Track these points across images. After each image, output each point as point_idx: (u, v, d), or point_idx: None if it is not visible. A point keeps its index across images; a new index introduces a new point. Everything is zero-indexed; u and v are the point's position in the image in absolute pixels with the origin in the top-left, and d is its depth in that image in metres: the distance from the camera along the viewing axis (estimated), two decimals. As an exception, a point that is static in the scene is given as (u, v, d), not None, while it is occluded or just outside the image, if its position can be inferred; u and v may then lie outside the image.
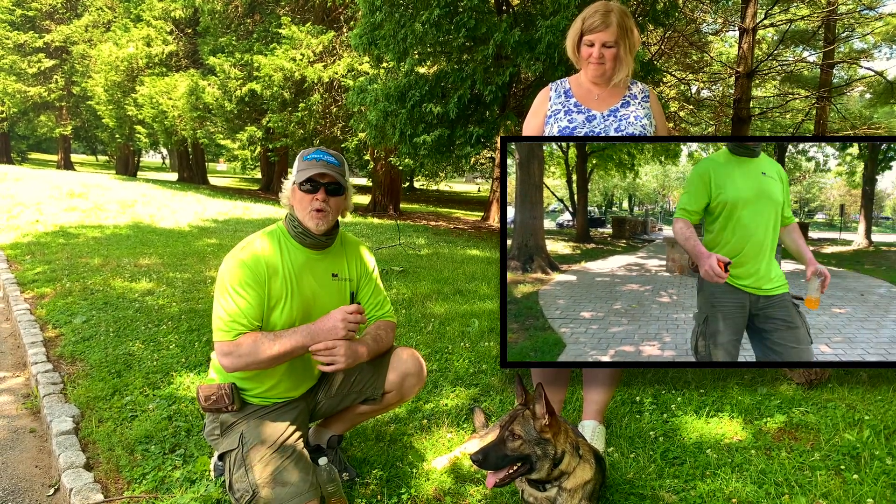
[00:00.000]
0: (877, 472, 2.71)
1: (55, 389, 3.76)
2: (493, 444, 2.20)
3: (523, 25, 10.19)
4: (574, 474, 2.25)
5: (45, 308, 5.55)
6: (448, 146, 11.75)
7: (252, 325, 2.36)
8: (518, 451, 2.18)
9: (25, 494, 2.87)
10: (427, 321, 5.26)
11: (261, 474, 2.31)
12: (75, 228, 10.54)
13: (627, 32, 2.80)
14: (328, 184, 2.44)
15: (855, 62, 21.41)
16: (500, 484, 2.20)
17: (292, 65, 17.77)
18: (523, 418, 2.21)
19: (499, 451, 2.18)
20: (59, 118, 36.97)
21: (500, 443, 2.19)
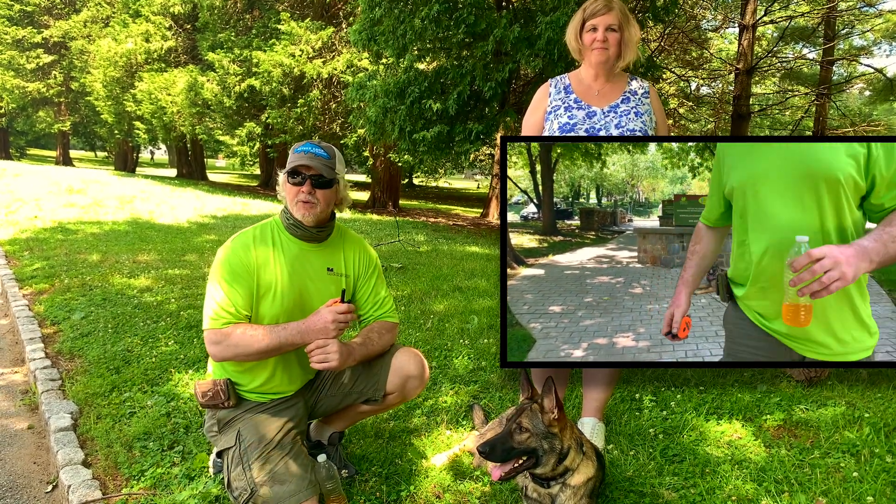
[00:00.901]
0: (877, 470, 2.71)
1: (53, 386, 3.75)
2: (500, 436, 2.19)
3: (523, 21, 10.16)
4: (578, 471, 2.25)
5: (43, 304, 5.54)
6: (447, 143, 11.73)
7: (240, 315, 2.36)
8: (525, 445, 2.17)
9: (23, 491, 2.86)
10: (426, 318, 5.25)
11: (259, 472, 2.30)
12: (74, 224, 10.52)
13: (629, 19, 2.82)
14: (314, 176, 2.42)
15: (855, 59, 21.38)
16: (505, 478, 2.19)
17: (291, 61, 17.73)
18: (531, 412, 2.20)
19: (505, 444, 2.16)
20: (57, 114, 36.88)
21: (508, 435, 2.17)
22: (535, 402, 2.24)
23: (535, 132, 3.03)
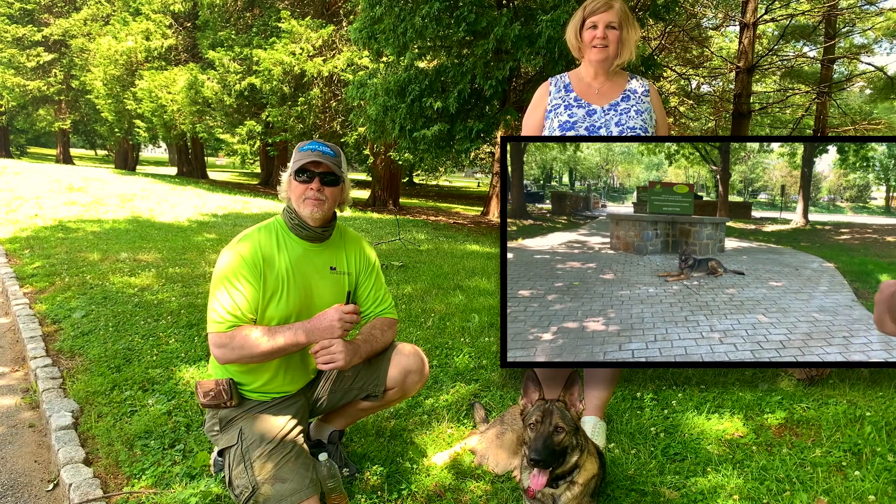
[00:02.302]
0: (878, 469, 2.71)
1: (54, 384, 3.75)
2: (543, 441, 2.13)
3: (523, 20, 10.15)
4: (584, 468, 2.25)
5: (44, 302, 5.54)
6: (448, 141, 11.73)
7: (246, 318, 2.36)
8: (562, 444, 2.16)
9: (24, 489, 2.86)
10: (427, 316, 5.25)
11: (260, 471, 2.30)
12: (74, 223, 10.52)
13: (629, 18, 2.83)
14: (323, 173, 2.44)
15: (855, 57, 21.37)
16: (548, 484, 2.15)
17: (292, 59, 17.72)
18: (560, 410, 2.19)
19: (550, 447, 2.13)
20: (57, 112, 36.88)
21: (548, 438, 2.14)
22: (558, 400, 2.23)
23: (536, 131, 3.03)
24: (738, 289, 3.18)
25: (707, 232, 3.31)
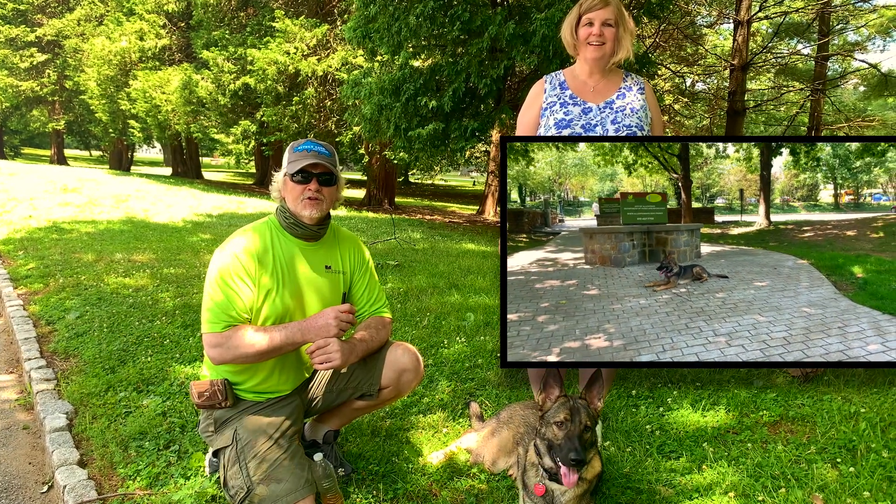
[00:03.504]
0: (873, 465, 2.72)
1: (49, 386, 3.74)
2: (578, 440, 2.14)
3: (518, 18, 10.15)
4: (591, 465, 2.26)
5: (38, 304, 5.52)
6: (443, 140, 11.72)
7: (241, 318, 2.35)
8: (589, 441, 2.18)
9: (19, 492, 2.85)
10: (423, 315, 5.24)
11: (255, 471, 2.29)
12: (69, 224, 10.48)
13: (624, 15, 2.82)
14: (320, 174, 2.44)
15: (849, 55, 21.44)
16: (579, 480, 2.16)
17: (286, 58, 17.68)
18: (587, 410, 2.20)
19: (584, 447, 2.15)
20: (51, 113, 36.73)
21: (580, 437, 2.15)
22: (581, 398, 2.24)
23: (531, 129, 3.03)
24: (727, 292, 3.28)
25: (684, 239, 3.36)
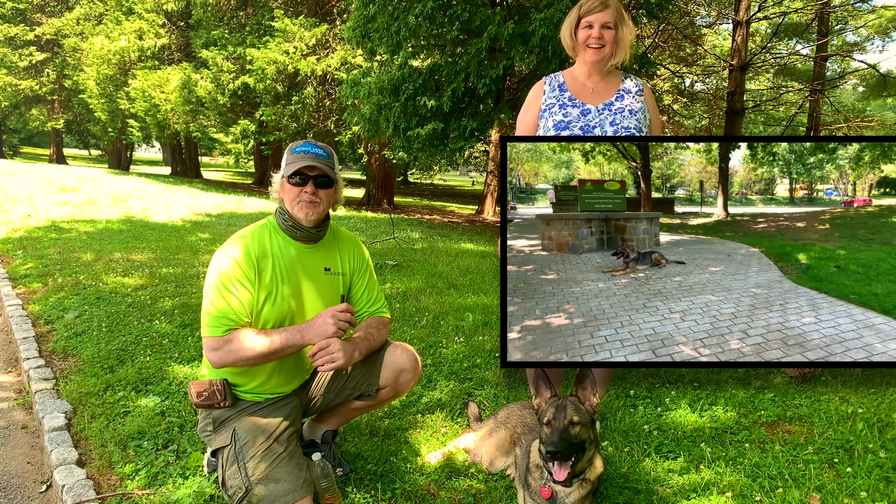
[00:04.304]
0: (870, 465, 2.72)
1: (47, 385, 3.74)
2: (560, 434, 2.14)
3: (517, 18, 10.15)
4: (594, 465, 2.26)
5: (37, 303, 5.52)
6: (442, 139, 11.72)
7: (241, 321, 2.35)
8: (579, 438, 2.17)
9: (17, 491, 2.85)
10: (421, 315, 5.25)
11: (254, 471, 2.29)
12: (67, 223, 10.48)
13: (624, 17, 2.82)
14: (317, 176, 2.44)
15: (848, 55, 21.44)
16: (568, 479, 2.15)
17: (285, 58, 17.67)
18: (574, 405, 2.20)
19: (567, 440, 2.14)
20: (50, 112, 36.70)
21: (565, 432, 2.14)
22: (573, 395, 2.24)
23: (530, 130, 3.03)
24: (684, 276, 3.52)
25: (643, 227, 3.45)
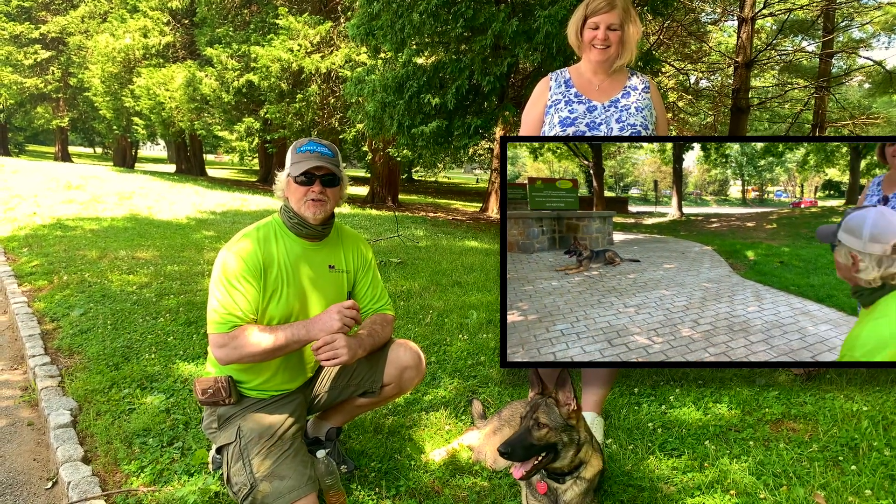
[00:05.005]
0: (875, 464, 2.72)
1: (53, 382, 3.75)
2: (519, 435, 2.17)
3: (521, 15, 10.14)
4: (590, 464, 2.26)
5: (42, 301, 5.54)
6: (446, 137, 11.71)
7: (247, 318, 2.35)
8: (545, 440, 2.16)
9: (23, 487, 2.87)
10: (425, 313, 5.25)
11: (259, 468, 2.30)
12: (72, 221, 10.51)
13: (631, 17, 2.80)
14: (323, 175, 2.44)
15: (854, 52, 21.36)
16: (526, 476, 2.17)
17: (290, 56, 17.69)
18: (547, 406, 2.19)
19: (525, 442, 2.15)
20: (55, 110, 36.84)
21: (526, 433, 2.16)
22: (550, 396, 2.23)
23: (535, 126, 3.03)
24: (639, 273, 3.68)
25: (596, 226, 3.48)
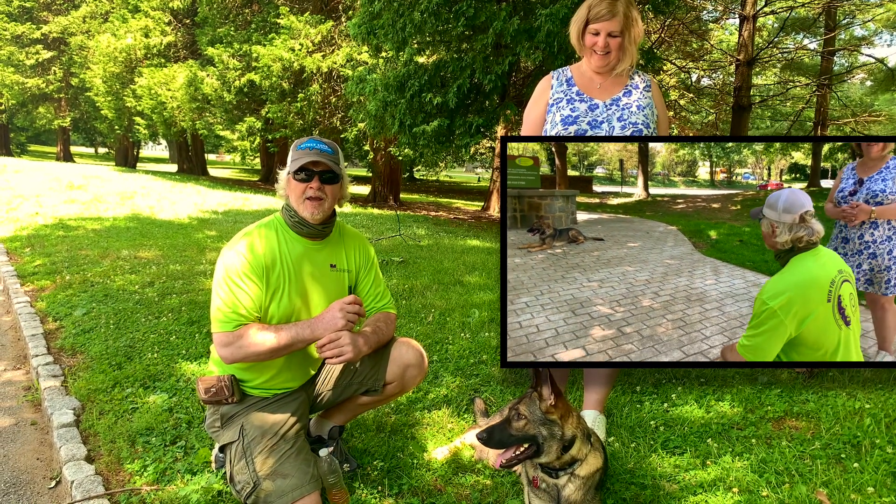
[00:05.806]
0: (877, 461, 2.72)
1: (56, 382, 3.76)
2: (499, 423, 2.22)
3: (522, 14, 10.14)
4: (587, 462, 2.26)
5: (45, 300, 5.55)
6: (448, 136, 11.71)
7: (251, 317, 2.36)
8: (523, 432, 2.19)
9: (27, 487, 2.87)
10: (427, 312, 5.25)
11: (262, 466, 2.31)
12: (75, 220, 10.52)
13: (632, 22, 2.79)
14: (322, 172, 2.44)
15: (856, 49, 21.32)
16: (506, 465, 2.21)
17: (291, 55, 17.69)
18: (530, 399, 2.23)
19: (504, 431, 2.19)
20: (57, 110, 36.90)
21: (506, 422, 2.20)
22: (536, 390, 2.25)
23: (537, 125, 3.02)
24: (602, 251, 3.78)
25: (559, 205, 3.49)
